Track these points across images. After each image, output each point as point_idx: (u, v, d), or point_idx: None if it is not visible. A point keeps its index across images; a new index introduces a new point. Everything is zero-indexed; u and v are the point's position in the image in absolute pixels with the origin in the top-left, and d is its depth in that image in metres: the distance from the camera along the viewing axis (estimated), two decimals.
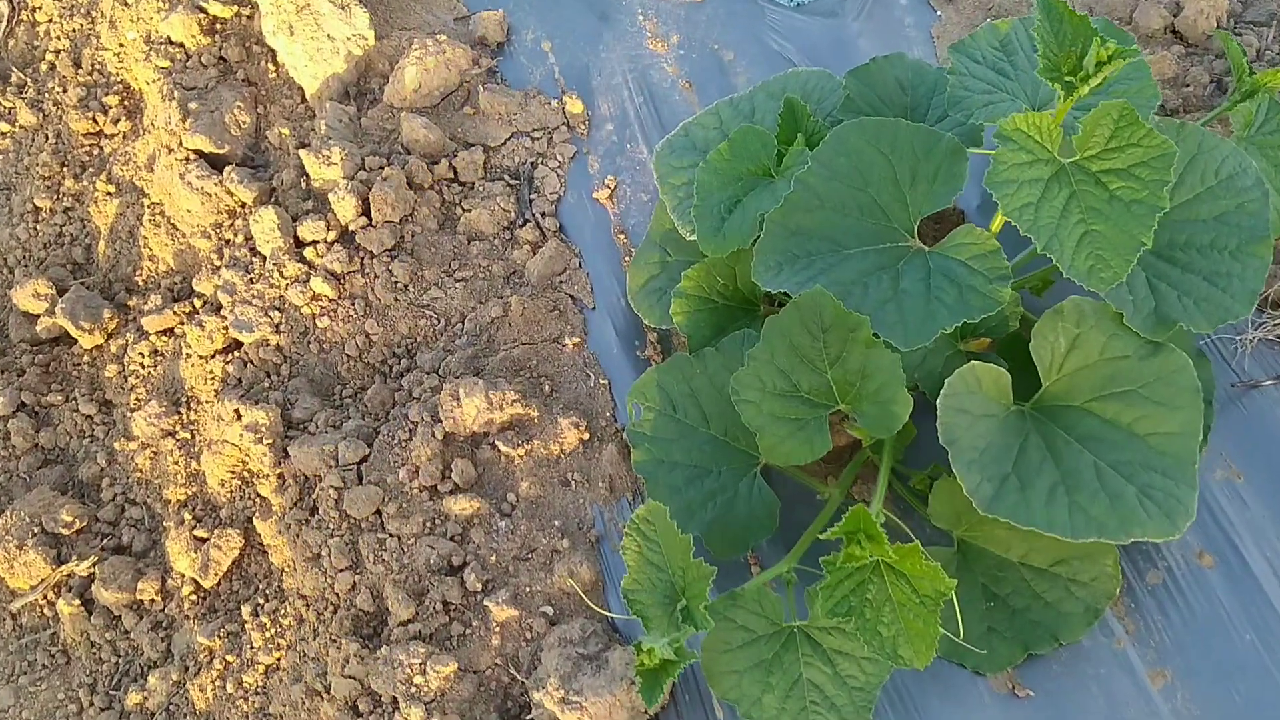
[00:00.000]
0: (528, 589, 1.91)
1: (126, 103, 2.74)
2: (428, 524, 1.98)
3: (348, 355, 2.22)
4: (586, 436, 2.05)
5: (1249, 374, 2.04)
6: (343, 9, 2.50)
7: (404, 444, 2.06)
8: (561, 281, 2.25)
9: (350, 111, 2.46)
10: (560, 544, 1.96)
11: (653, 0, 2.58)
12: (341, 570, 1.95)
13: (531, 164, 2.39)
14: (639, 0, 2.58)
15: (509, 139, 2.42)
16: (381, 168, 2.34)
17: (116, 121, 2.70)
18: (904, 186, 1.78)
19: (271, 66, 2.61)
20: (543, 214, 2.33)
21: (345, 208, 2.27)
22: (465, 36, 2.56)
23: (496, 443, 2.04)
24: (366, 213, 2.30)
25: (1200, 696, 1.77)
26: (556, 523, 1.98)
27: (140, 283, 2.50)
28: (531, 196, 2.36)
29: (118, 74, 2.74)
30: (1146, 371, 1.75)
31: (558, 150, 2.41)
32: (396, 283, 2.25)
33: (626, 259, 2.26)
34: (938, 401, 1.70)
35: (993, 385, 1.77)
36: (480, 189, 2.36)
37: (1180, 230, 1.85)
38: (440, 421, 2.05)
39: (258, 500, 2.11)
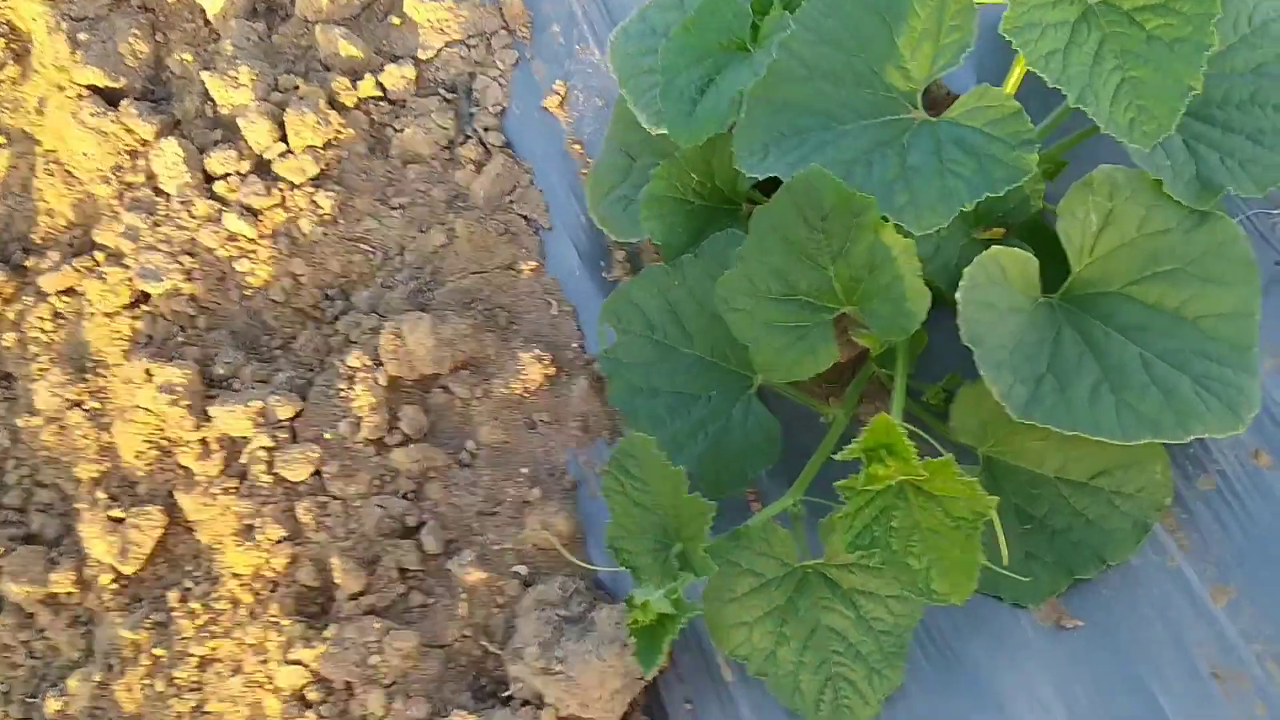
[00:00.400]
0: (496, 547, 1.66)
1: (14, 45, 2.42)
2: (376, 482, 1.72)
3: (273, 300, 1.94)
4: (553, 371, 1.80)
5: None
6: None
7: (343, 394, 1.79)
8: (512, 202, 1.99)
9: (259, 28, 2.17)
10: (530, 494, 1.70)
11: None
12: (279, 542, 1.68)
13: (469, 74, 2.11)
14: None
15: (442, 49, 2.14)
16: (297, 87, 2.05)
17: (2, 66, 2.38)
18: (904, 49, 1.52)
19: None
20: (485, 129, 2.06)
21: (258, 133, 1.99)
22: None
23: (449, 385, 1.78)
24: (284, 138, 2.01)
25: (1271, 612, 1.55)
26: (524, 470, 1.73)
27: (38, 241, 2.20)
28: (472, 110, 2.08)
29: (1, 14, 2.43)
30: (1193, 245, 1.52)
31: (498, 57, 2.13)
32: (324, 215, 1.97)
33: (584, 172, 1.99)
34: (958, 295, 1.46)
35: (1019, 274, 1.53)
36: (413, 106, 2.08)
37: (1216, 85, 1.61)
38: (383, 365, 1.78)
39: (179, 471, 1.84)
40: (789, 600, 1.51)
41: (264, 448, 1.75)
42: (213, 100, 2.09)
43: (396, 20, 2.19)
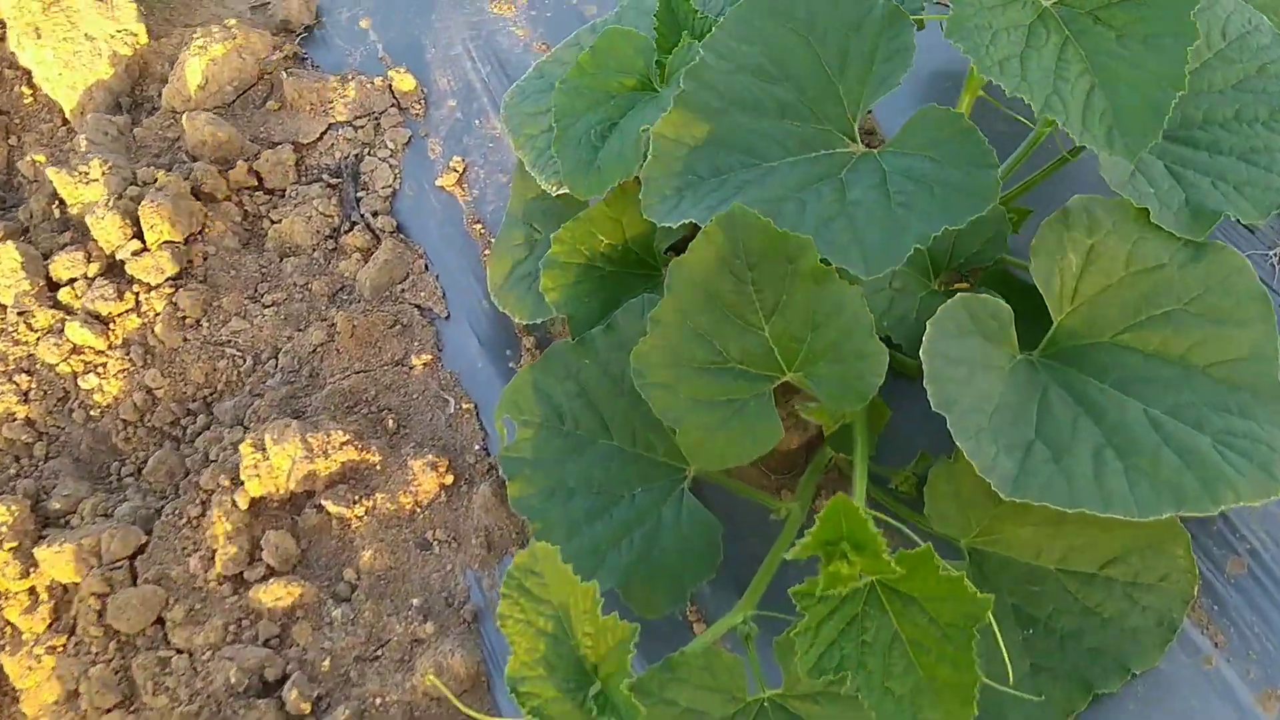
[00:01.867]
0: (379, 700, 1.33)
1: None
2: (231, 628, 1.40)
3: (123, 420, 1.65)
4: (450, 480, 1.50)
5: None
6: (102, 1, 1.98)
7: (195, 522, 1.49)
8: (403, 290, 1.72)
9: (120, 122, 1.93)
10: (422, 629, 1.39)
11: None
12: (108, 711, 1.35)
13: (356, 157, 1.88)
14: None
15: (325, 132, 1.91)
16: (156, 179, 1.80)
17: None
18: (833, 74, 1.30)
19: (27, 90, 2.08)
20: (374, 213, 1.81)
21: (108, 230, 1.73)
22: (265, 24, 2.06)
23: (324, 503, 1.48)
24: (140, 235, 1.75)
25: None
26: (415, 601, 1.42)
27: None
28: (359, 195, 1.84)
29: None
30: (1192, 281, 1.28)
31: (388, 137, 1.90)
32: (185, 318, 1.70)
33: (487, 253, 1.74)
34: (922, 352, 1.20)
35: (992, 324, 1.27)
36: (293, 194, 1.84)
37: (1194, 105, 1.41)
38: (243, 484, 1.48)
39: (6, 629, 1.51)
40: None
41: (95, 594, 1.43)
42: (62, 200, 1.83)
43: (275, 105, 1.96)
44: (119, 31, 1.99)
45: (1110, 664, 1.29)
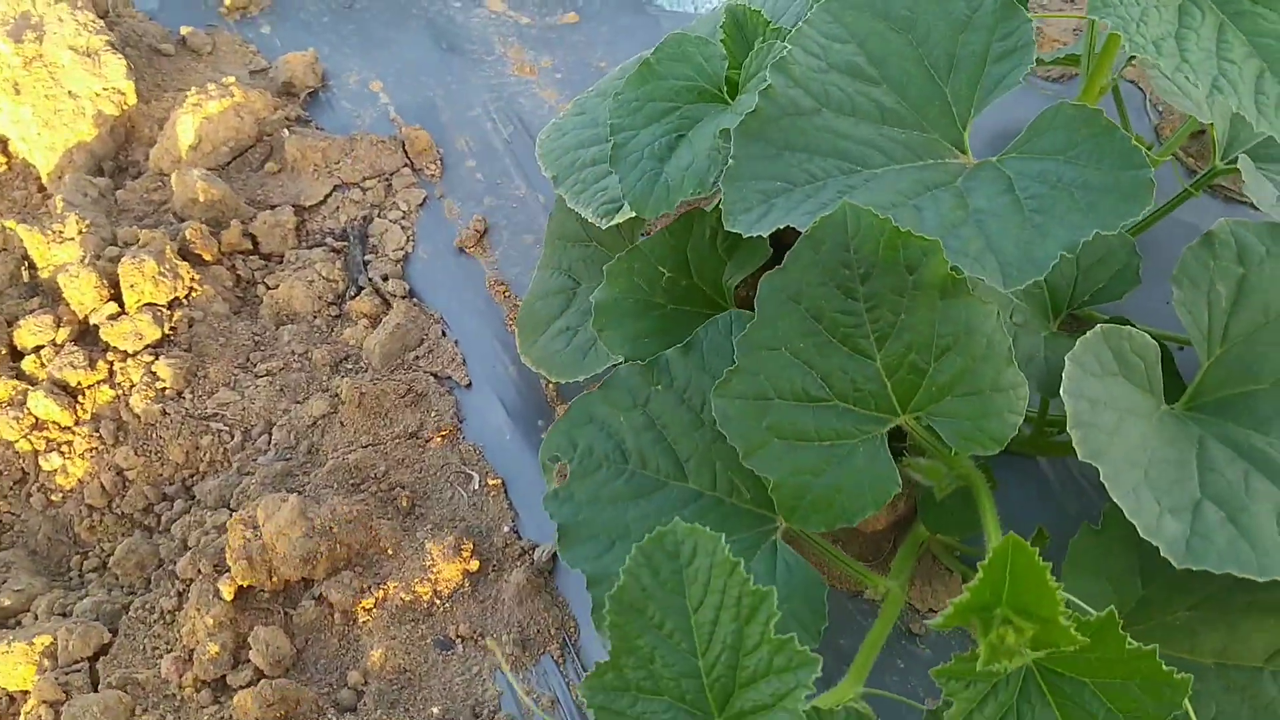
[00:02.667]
0: None
1: None
2: None
3: (89, 506, 1.41)
4: (475, 566, 1.27)
5: None
6: (89, 56, 1.82)
7: (168, 617, 1.24)
8: (417, 358, 1.51)
9: (102, 184, 1.74)
10: None
11: (514, 27, 1.98)
12: None
13: (364, 219, 1.69)
14: (495, 29, 1.97)
15: (330, 194, 1.73)
16: (139, 239, 1.60)
17: None
18: (939, 76, 1.13)
19: (1, 157, 1.89)
20: (384, 277, 1.61)
21: (82, 291, 1.52)
22: (266, 87, 1.90)
23: (326, 592, 1.24)
24: (118, 297, 1.54)
25: None
26: (435, 710, 1.16)
27: None
28: (366, 258, 1.64)
29: None
30: None
31: (400, 198, 1.71)
32: (164, 389, 1.47)
33: (512, 317, 1.54)
34: (1063, 393, 1.00)
35: (1137, 361, 1.08)
36: (292, 259, 1.64)
37: None
38: (228, 571, 1.24)
39: None
40: None
41: (48, 702, 1.17)
42: (32, 262, 1.63)
43: (274, 167, 1.78)
44: (105, 89, 1.82)
45: None
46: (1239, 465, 1.05)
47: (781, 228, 1.04)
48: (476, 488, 1.35)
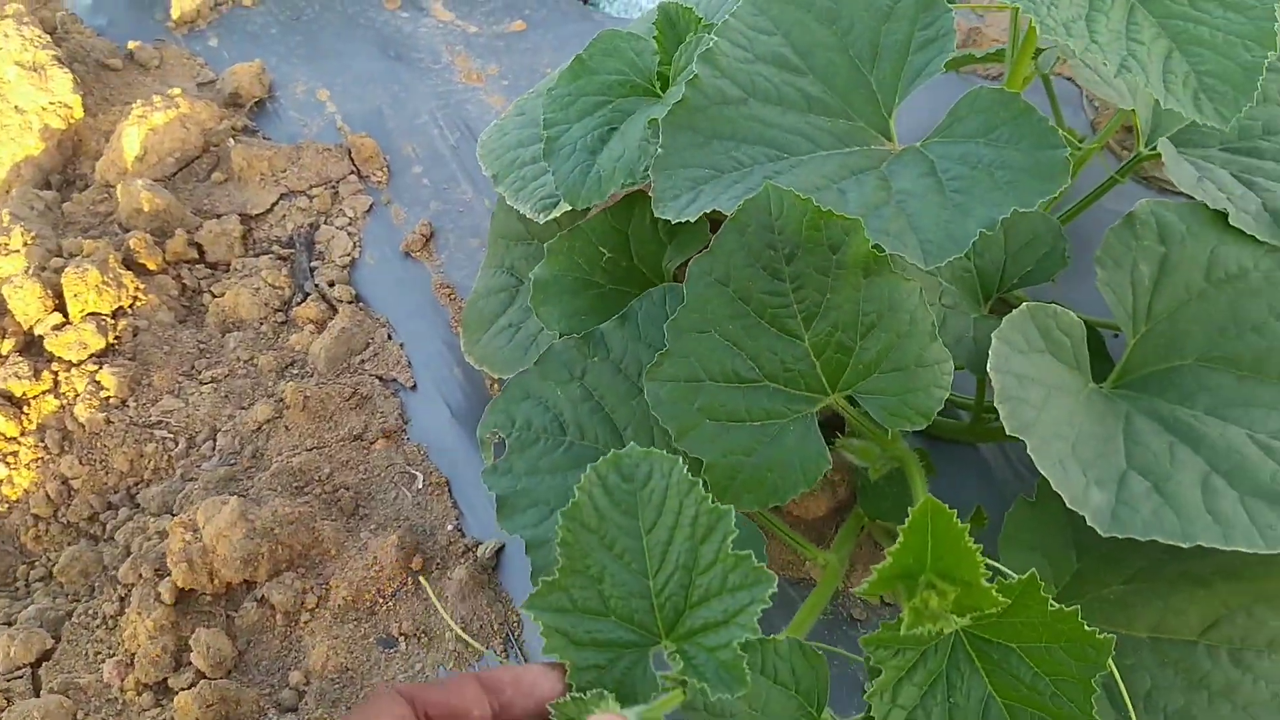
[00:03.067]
0: None
1: None
2: None
3: (35, 515, 1.40)
4: (418, 564, 1.27)
5: None
6: (35, 71, 1.82)
7: (110, 622, 1.23)
8: (363, 362, 1.51)
9: (49, 196, 1.74)
10: None
11: (461, 35, 1.99)
12: None
13: (310, 226, 1.69)
14: (443, 38, 1.98)
15: (277, 202, 1.73)
16: (84, 249, 1.60)
17: None
18: (864, 66, 1.14)
19: None
20: (330, 283, 1.61)
21: (25, 301, 1.51)
22: (213, 98, 1.90)
23: (268, 594, 1.23)
24: (62, 308, 1.54)
25: None
26: None
27: None
28: (313, 265, 1.64)
29: None
30: None
31: (347, 205, 1.72)
32: (109, 398, 1.47)
33: (457, 320, 1.54)
34: (989, 368, 1.01)
35: (1063, 338, 1.09)
36: (239, 268, 1.64)
37: (1250, 116, 1.28)
38: (169, 575, 1.23)
39: None
40: None
41: None
42: None
43: (221, 177, 1.78)
44: (52, 104, 1.82)
45: None
46: (1165, 437, 1.07)
47: (709, 212, 1.05)
48: (420, 487, 1.35)
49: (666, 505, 0.84)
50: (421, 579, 1.14)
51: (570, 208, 1.23)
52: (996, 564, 1.00)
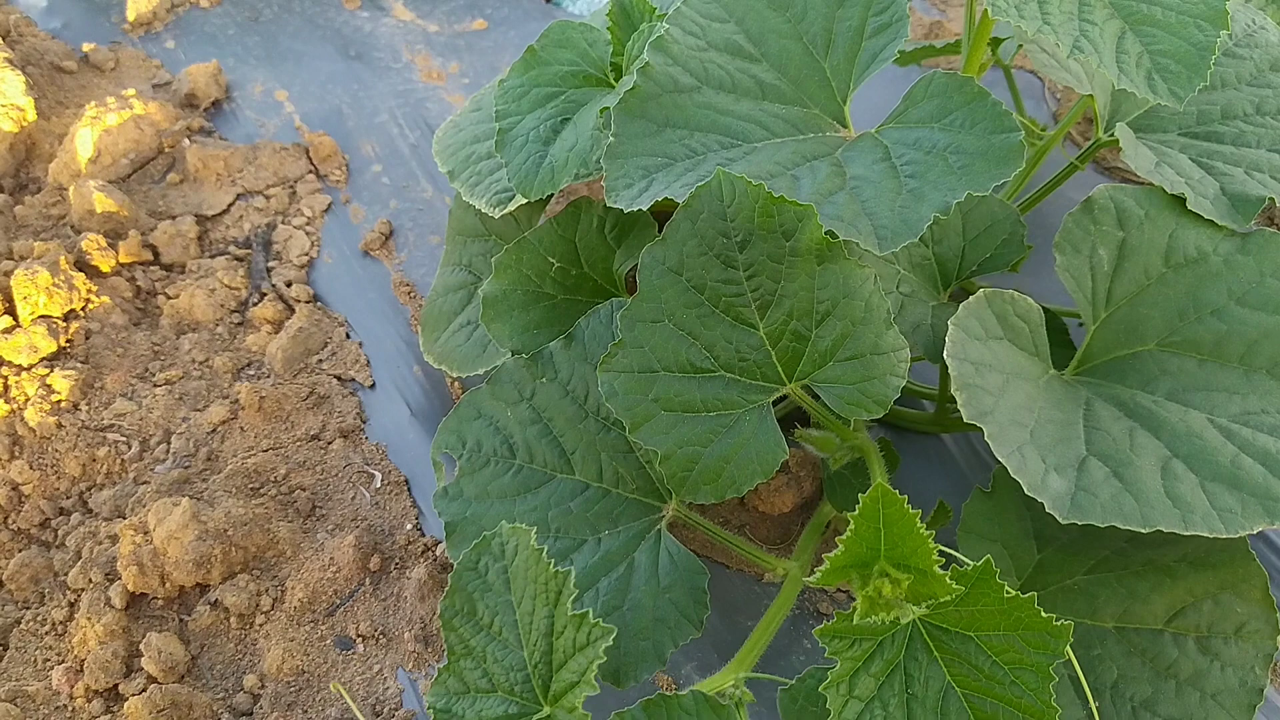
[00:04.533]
0: None
1: None
2: None
3: None
4: (376, 565, 1.24)
5: None
6: None
7: (59, 628, 1.20)
8: (320, 361, 1.49)
9: (0, 200, 1.71)
10: None
11: (421, 34, 1.97)
12: None
13: (267, 226, 1.67)
14: (403, 36, 1.97)
15: (233, 203, 1.70)
16: (34, 251, 1.57)
17: None
18: (817, 53, 1.14)
19: None
20: (288, 283, 1.59)
21: None
22: (168, 100, 1.87)
23: (222, 597, 1.21)
24: (12, 311, 1.51)
25: None
26: (333, 711, 1.13)
27: None
28: (270, 265, 1.62)
29: None
30: (1243, 272, 1.12)
31: (305, 204, 1.70)
32: (59, 401, 1.44)
33: (416, 318, 1.52)
34: (945, 356, 1.00)
35: (1020, 324, 1.09)
36: (194, 269, 1.61)
37: (1208, 101, 1.28)
38: (120, 579, 1.20)
39: None
40: None
41: None
42: None
43: (176, 178, 1.75)
44: (4, 106, 1.79)
45: None
46: (1125, 423, 1.06)
47: (658, 213, 1.04)
48: (379, 486, 1.33)
49: (529, 575, 0.87)
50: (338, 686, 1.12)
51: (526, 201, 1.22)
52: (952, 551, 0.99)
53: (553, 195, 1.25)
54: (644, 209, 1.02)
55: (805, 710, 0.87)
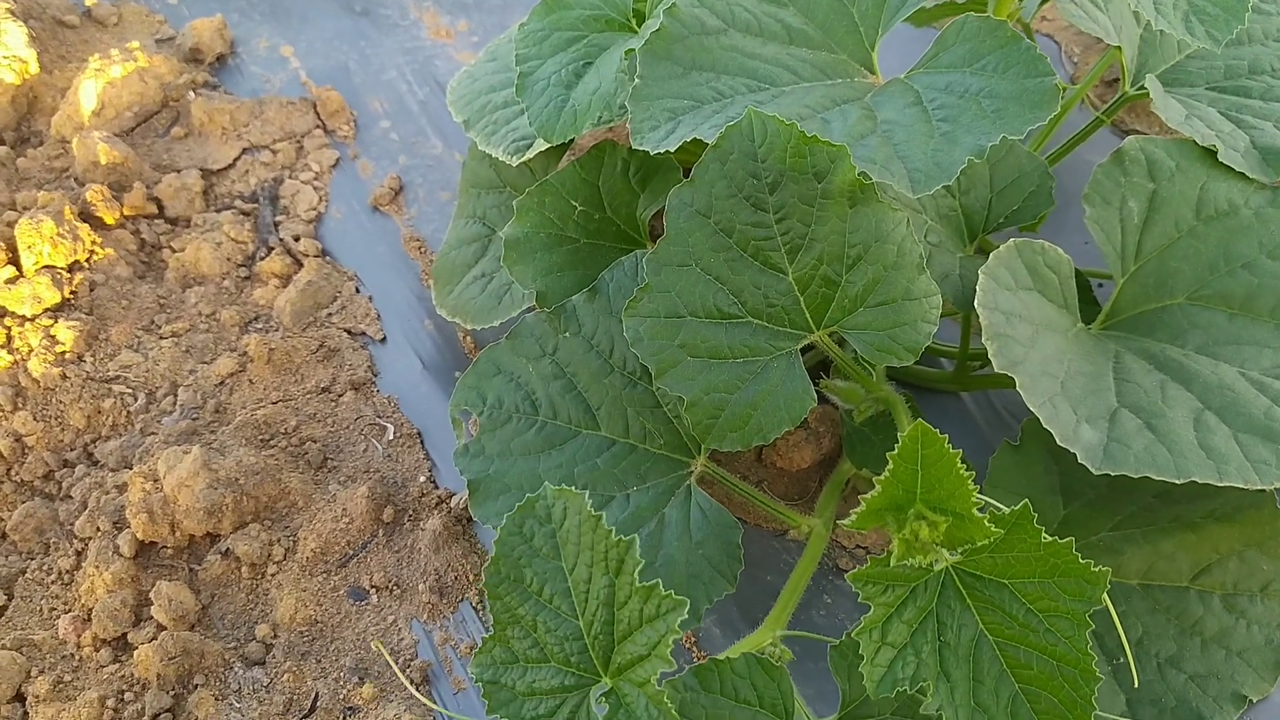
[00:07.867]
0: None
1: None
2: (110, 702, 1.08)
3: None
4: (389, 516, 1.23)
5: None
6: None
7: (66, 577, 1.18)
8: (330, 315, 1.47)
9: (2, 152, 1.68)
10: (358, 694, 1.09)
11: None
12: None
13: (274, 180, 1.64)
14: None
15: (239, 157, 1.68)
16: (38, 201, 1.54)
17: None
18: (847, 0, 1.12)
19: None
20: (296, 237, 1.57)
21: None
22: (173, 54, 1.84)
23: (233, 546, 1.19)
24: (16, 261, 1.48)
25: None
26: (347, 660, 1.12)
27: None
28: (277, 219, 1.59)
29: None
30: (1275, 225, 1.11)
31: (312, 159, 1.67)
32: (64, 353, 1.42)
33: (427, 272, 1.50)
34: (977, 304, 0.99)
35: (1050, 275, 1.07)
36: (199, 223, 1.59)
37: (1236, 56, 1.27)
38: (129, 527, 1.18)
39: None
40: None
41: None
42: None
43: (181, 132, 1.72)
44: (5, 58, 1.75)
45: (1221, 691, 1.05)
46: (1155, 376, 1.05)
47: (683, 158, 1.02)
48: (391, 439, 1.31)
49: (582, 542, 0.84)
50: (379, 645, 1.11)
51: (544, 149, 1.20)
52: (987, 497, 0.98)
53: (571, 143, 1.23)
54: (670, 151, 1.00)
55: (855, 664, 0.86)
